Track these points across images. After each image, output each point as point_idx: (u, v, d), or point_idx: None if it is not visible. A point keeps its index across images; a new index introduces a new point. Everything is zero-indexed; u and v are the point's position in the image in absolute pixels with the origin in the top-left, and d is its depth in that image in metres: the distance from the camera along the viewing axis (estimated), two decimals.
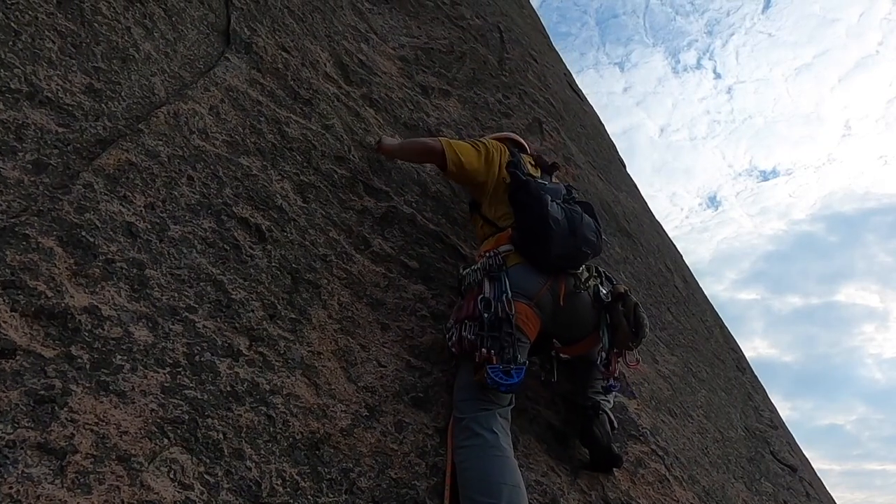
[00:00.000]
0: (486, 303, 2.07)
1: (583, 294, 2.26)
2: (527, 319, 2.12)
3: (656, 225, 5.90)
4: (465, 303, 2.13)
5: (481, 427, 1.88)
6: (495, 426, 1.91)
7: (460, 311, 2.12)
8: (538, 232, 2.21)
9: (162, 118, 1.96)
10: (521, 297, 2.13)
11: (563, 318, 2.24)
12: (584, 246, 2.27)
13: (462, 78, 4.29)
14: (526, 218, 2.29)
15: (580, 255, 2.28)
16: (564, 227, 2.24)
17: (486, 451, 1.82)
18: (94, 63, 1.94)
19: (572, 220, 2.28)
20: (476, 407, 1.94)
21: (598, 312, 2.31)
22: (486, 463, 1.79)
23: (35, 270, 1.38)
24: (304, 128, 2.53)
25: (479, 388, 1.96)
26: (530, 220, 2.27)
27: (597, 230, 2.37)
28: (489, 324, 2.01)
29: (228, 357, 1.59)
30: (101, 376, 1.33)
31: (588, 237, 2.30)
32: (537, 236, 2.21)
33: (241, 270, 1.82)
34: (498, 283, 2.13)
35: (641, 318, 2.29)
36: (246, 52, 2.58)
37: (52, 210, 1.51)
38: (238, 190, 2.03)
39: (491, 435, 1.87)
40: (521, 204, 2.35)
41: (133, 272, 1.56)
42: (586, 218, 2.34)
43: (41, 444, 1.17)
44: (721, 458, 3.26)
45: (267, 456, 1.48)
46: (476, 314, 2.04)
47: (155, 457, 1.30)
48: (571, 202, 2.45)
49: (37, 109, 1.69)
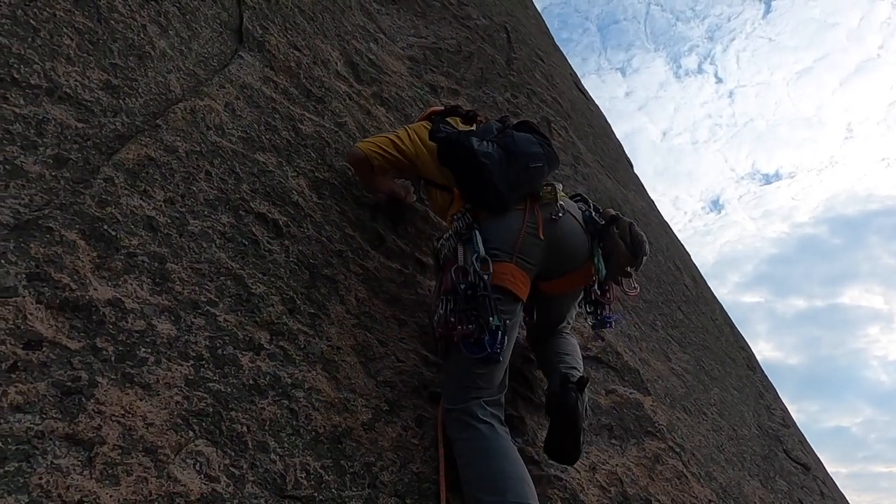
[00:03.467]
0: (463, 272, 1.88)
1: (565, 218, 2.07)
2: (512, 278, 1.92)
3: (664, 224, 5.89)
4: (444, 276, 1.95)
5: (473, 419, 1.78)
6: (486, 415, 1.80)
7: (439, 287, 1.97)
8: (475, 174, 2.02)
9: (179, 114, 1.96)
10: (503, 253, 1.94)
11: (555, 252, 2.04)
12: (530, 162, 2.07)
13: (470, 77, 4.29)
14: (459, 168, 2.09)
15: (532, 173, 2.08)
16: (498, 156, 2.04)
17: (482, 444, 1.74)
18: (111, 60, 1.94)
19: (505, 146, 2.08)
20: (466, 396, 1.83)
21: (591, 240, 2.11)
22: (485, 458, 1.72)
23: (59, 263, 1.38)
24: (318, 125, 2.53)
25: (466, 375, 1.84)
26: (463, 168, 2.07)
27: (539, 141, 2.16)
28: (466, 296, 1.81)
29: (250, 350, 1.59)
30: (126, 368, 1.32)
31: (531, 151, 2.10)
32: (477, 179, 2.02)
33: (260, 265, 1.82)
34: (470, 245, 1.95)
35: (639, 235, 2.09)
36: (259, 51, 2.58)
37: (74, 204, 1.51)
38: (255, 185, 2.02)
39: (486, 427, 1.77)
40: (450, 159, 2.12)
41: (154, 266, 1.56)
42: (519, 135, 2.14)
43: (69, 436, 1.16)
44: (736, 455, 3.24)
45: (291, 449, 1.47)
46: (454, 288, 1.84)
47: (181, 449, 1.29)
48: (505, 131, 2.20)
49: (56, 105, 1.69)
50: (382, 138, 2.36)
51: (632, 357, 3.00)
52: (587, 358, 2.77)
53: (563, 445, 1.88)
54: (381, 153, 2.29)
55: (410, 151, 2.30)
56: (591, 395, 2.55)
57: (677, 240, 5.98)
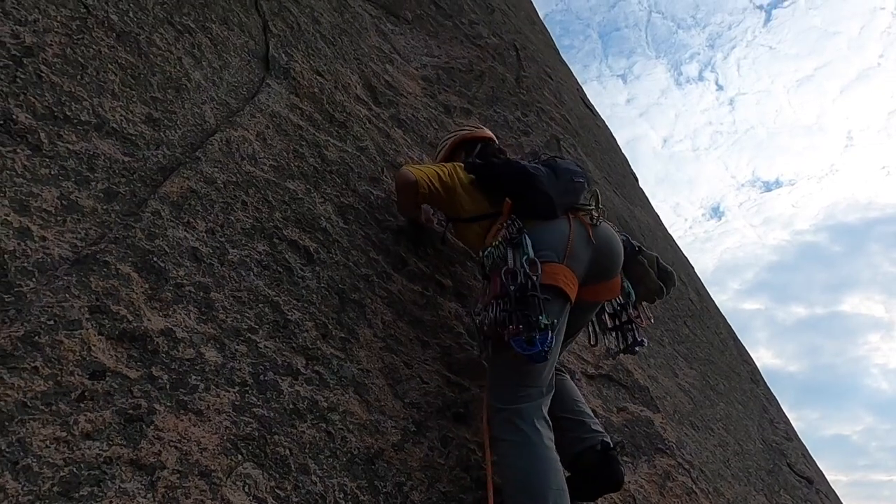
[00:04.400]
0: (513, 274, 1.95)
1: (605, 226, 2.23)
2: (564, 277, 2.01)
3: (669, 238, 5.99)
4: (493, 282, 2.02)
5: (523, 421, 1.83)
6: (538, 420, 1.85)
7: (487, 292, 2.04)
8: (527, 184, 2.17)
9: (216, 146, 2.06)
10: (553, 253, 2.04)
11: (600, 258, 2.16)
12: (574, 177, 2.25)
13: (482, 96, 4.39)
14: (510, 183, 2.24)
15: (576, 186, 2.25)
16: (545, 172, 2.23)
17: (529, 450, 1.78)
18: (151, 93, 2.04)
19: (549, 165, 2.29)
20: (516, 395, 1.88)
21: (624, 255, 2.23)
22: (529, 463, 1.76)
23: (116, 295, 1.47)
24: (342, 150, 2.63)
25: (518, 374, 1.90)
26: (514, 181, 2.22)
27: (576, 163, 2.39)
28: (517, 298, 1.88)
29: (289, 376, 1.68)
30: (179, 395, 1.41)
31: (573, 169, 2.29)
32: (529, 188, 2.16)
33: (295, 292, 1.91)
34: (520, 248, 2.03)
35: (666, 268, 2.25)
36: (284, 78, 2.68)
37: (127, 237, 1.60)
38: (287, 213, 2.12)
39: (533, 431, 1.82)
40: (496, 178, 2.30)
41: (200, 295, 1.65)
42: (560, 159, 2.36)
43: (133, 461, 1.25)
44: (742, 470, 3.33)
45: (329, 471, 1.56)
46: (503, 291, 1.92)
47: (231, 472, 1.38)
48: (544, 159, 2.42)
49: (104, 140, 1.79)
50: (429, 169, 2.41)
51: (641, 374, 3.09)
52: (599, 376, 2.86)
53: (594, 496, 2.03)
54: (427, 182, 2.34)
55: (449, 185, 2.37)
56: (604, 413, 2.64)
57: (682, 253, 6.07)
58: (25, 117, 1.63)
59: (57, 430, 1.20)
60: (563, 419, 2.11)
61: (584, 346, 2.95)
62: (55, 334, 1.31)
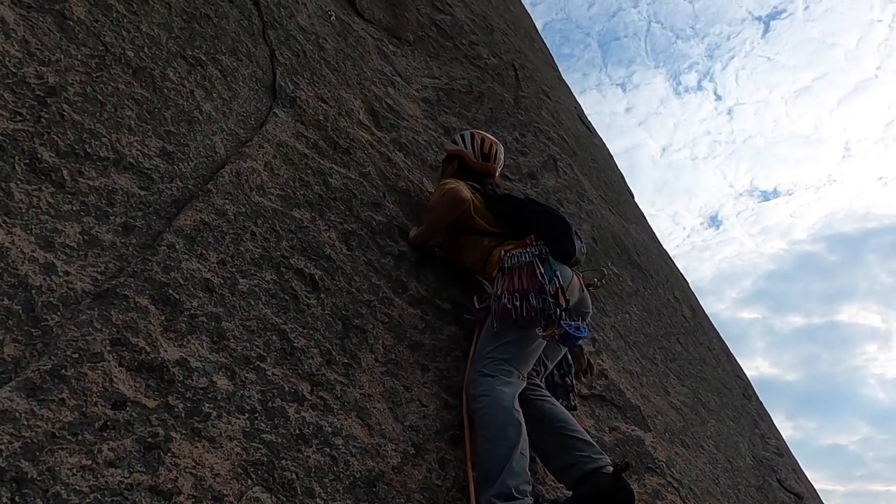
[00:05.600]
0: (539, 283, 2.37)
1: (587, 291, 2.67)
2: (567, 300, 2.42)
3: (664, 254, 6.09)
4: (518, 277, 2.42)
5: (503, 387, 2.18)
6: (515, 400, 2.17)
7: (513, 283, 2.40)
8: (561, 231, 2.60)
9: (227, 178, 2.16)
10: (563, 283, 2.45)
11: (584, 307, 2.59)
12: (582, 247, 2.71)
13: (481, 117, 4.50)
14: (546, 223, 2.64)
15: (580, 255, 2.70)
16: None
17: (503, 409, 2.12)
18: (165, 127, 2.14)
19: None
20: (500, 369, 2.24)
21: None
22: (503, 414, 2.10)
23: (135, 328, 1.56)
24: (345, 177, 2.73)
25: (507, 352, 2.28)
26: (552, 224, 2.63)
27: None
28: (553, 295, 2.33)
29: (295, 402, 1.77)
30: (194, 423, 1.51)
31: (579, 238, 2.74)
32: (562, 235, 2.59)
33: (300, 319, 2.01)
34: (549, 266, 2.45)
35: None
36: (290, 107, 2.79)
37: (144, 271, 1.70)
38: (293, 242, 2.21)
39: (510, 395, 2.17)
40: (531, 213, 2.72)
41: (212, 325, 1.74)
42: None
43: (152, 487, 1.34)
44: (731, 487, 3.41)
45: (333, 494, 1.65)
46: (539, 286, 2.34)
47: (242, 496, 1.47)
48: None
49: (122, 175, 1.89)
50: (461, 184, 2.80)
51: (633, 393, 3.18)
52: (592, 396, 2.96)
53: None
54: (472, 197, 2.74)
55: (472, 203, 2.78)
56: (596, 433, 2.73)
57: (677, 269, 6.18)
58: (49, 156, 1.73)
59: (83, 459, 1.29)
60: (571, 438, 2.21)
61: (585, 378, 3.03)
62: (80, 367, 1.40)
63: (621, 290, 4.14)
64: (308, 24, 3.46)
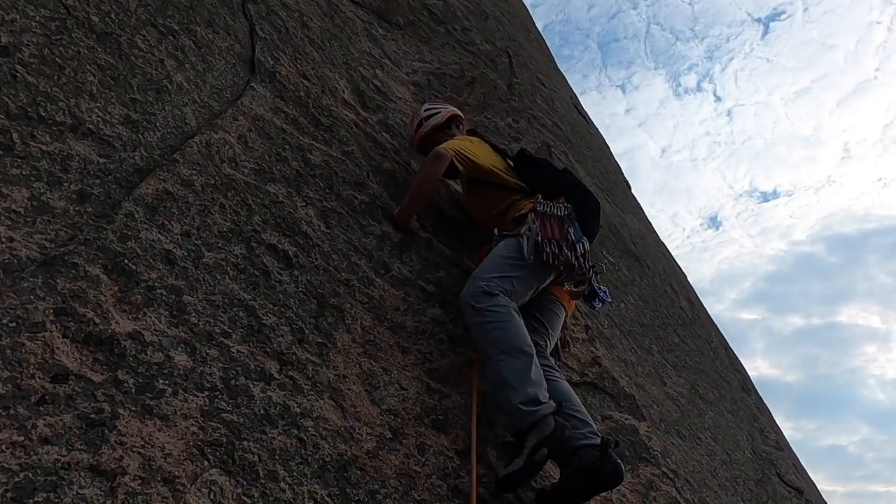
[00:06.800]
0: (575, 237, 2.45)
1: None
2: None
3: (661, 246, 5.98)
4: (550, 226, 2.45)
5: (508, 302, 2.24)
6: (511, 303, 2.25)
7: (546, 229, 2.43)
8: (592, 210, 2.68)
9: (195, 148, 2.04)
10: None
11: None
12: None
13: (473, 102, 4.39)
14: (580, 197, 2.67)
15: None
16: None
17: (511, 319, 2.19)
18: (130, 95, 2.03)
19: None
20: (505, 288, 2.28)
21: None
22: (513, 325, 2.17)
23: (83, 298, 1.45)
24: (326, 154, 2.62)
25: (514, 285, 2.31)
26: (585, 200, 2.69)
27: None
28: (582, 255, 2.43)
29: (261, 381, 1.65)
30: (145, 400, 1.39)
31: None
32: (592, 214, 2.68)
33: (271, 296, 1.89)
34: (577, 230, 2.50)
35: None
36: (270, 81, 2.67)
37: (98, 239, 1.58)
38: (266, 217, 2.10)
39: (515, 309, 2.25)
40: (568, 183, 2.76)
41: (172, 298, 1.63)
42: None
43: (93, 466, 1.23)
44: (729, 480, 3.30)
45: (299, 478, 1.54)
46: (569, 238, 2.42)
47: (196, 478, 1.36)
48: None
49: (80, 141, 1.77)
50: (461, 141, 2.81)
51: (628, 382, 3.06)
52: (584, 384, 2.84)
53: (582, 499, 2.00)
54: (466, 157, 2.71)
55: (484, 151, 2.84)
56: None
57: (674, 262, 6.06)
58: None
59: (14, 435, 1.17)
60: (568, 416, 2.13)
61: (568, 354, 2.93)
62: (17, 336, 1.29)
63: (616, 279, 4.03)
64: (292, 1, 3.34)
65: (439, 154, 2.66)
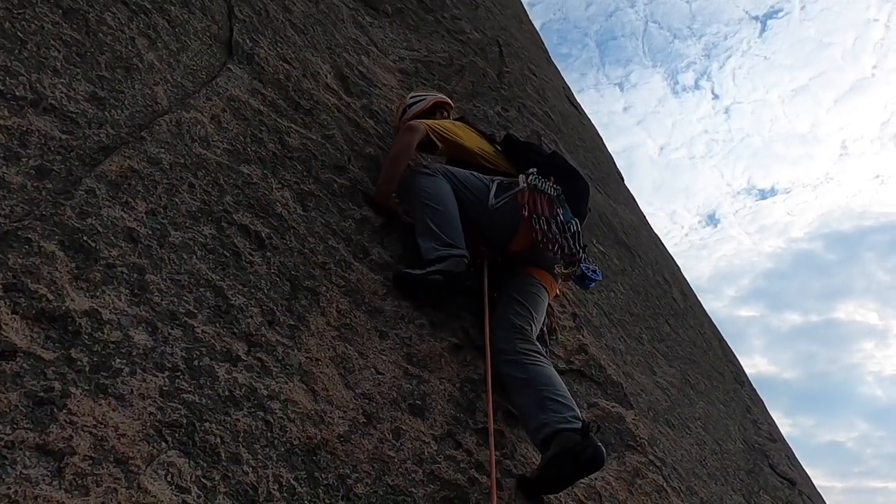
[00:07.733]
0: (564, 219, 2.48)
1: None
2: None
3: (654, 237, 5.93)
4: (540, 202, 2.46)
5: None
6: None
7: (536, 205, 2.45)
8: (582, 193, 2.70)
9: (164, 126, 1.99)
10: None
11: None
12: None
13: (461, 90, 4.33)
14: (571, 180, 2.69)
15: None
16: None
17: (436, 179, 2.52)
18: (98, 72, 1.97)
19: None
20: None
21: None
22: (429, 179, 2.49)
23: (36, 274, 1.39)
24: (305, 137, 2.56)
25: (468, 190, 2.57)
26: (576, 183, 2.70)
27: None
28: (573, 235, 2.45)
29: (227, 362, 1.60)
30: (100, 379, 1.34)
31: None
32: (582, 198, 2.69)
33: (241, 277, 1.84)
34: (566, 211, 2.54)
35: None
36: (248, 63, 2.61)
37: (55, 215, 1.53)
38: (238, 198, 2.04)
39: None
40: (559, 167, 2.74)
41: (133, 277, 1.57)
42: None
43: (40, 446, 1.17)
44: (719, 469, 3.25)
45: (264, 461, 1.48)
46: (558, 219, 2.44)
47: (153, 460, 1.30)
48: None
49: (41, 116, 1.72)
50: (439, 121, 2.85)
51: (615, 370, 3.01)
52: (570, 371, 2.79)
53: (563, 484, 1.99)
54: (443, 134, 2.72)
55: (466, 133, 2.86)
56: None
57: (668, 254, 6.01)
58: None
59: None
60: (550, 399, 2.07)
61: (555, 342, 2.88)
62: None
63: (607, 268, 3.97)
64: None
65: (412, 126, 2.65)
